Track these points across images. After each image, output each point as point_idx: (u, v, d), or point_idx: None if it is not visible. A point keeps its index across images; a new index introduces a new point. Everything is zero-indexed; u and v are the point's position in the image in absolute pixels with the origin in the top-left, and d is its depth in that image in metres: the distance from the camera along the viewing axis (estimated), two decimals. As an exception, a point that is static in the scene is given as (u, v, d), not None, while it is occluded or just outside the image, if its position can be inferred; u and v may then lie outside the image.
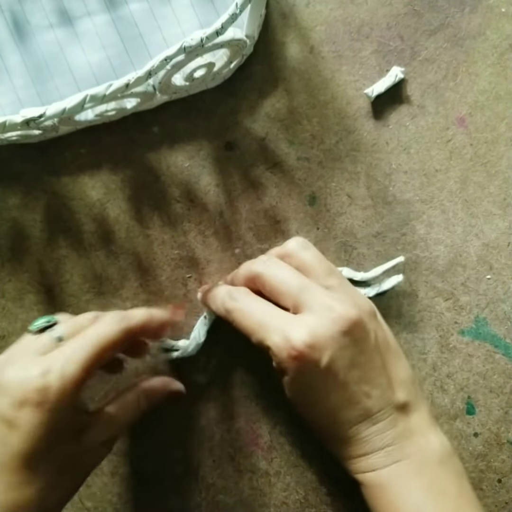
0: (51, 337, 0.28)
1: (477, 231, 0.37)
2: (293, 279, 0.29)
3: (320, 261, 0.30)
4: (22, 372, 0.26)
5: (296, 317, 0.28)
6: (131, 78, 0.29)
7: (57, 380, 0.25)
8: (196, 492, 0.36)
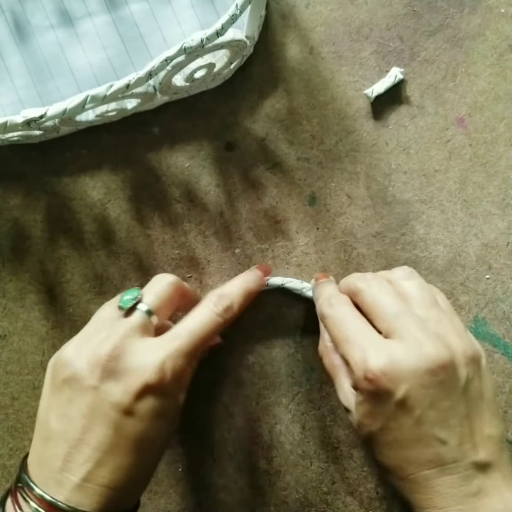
0: (142, 312, 0.29)
1: (476, 231, 0.37)
2: (392, 303, 0.29)
3: (423, 292, 0.30)
4: (140, 361, 0.27)
5: (383, 341, 0.27)
6: (131, 78, 0.29)
7: (171, 371, 0.27)
8: (196, 491, 0.36)
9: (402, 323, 0.27)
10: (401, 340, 0.27)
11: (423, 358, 0.26)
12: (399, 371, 0.26)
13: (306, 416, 0.36)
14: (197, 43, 0.29)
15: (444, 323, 0.28)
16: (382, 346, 0.27)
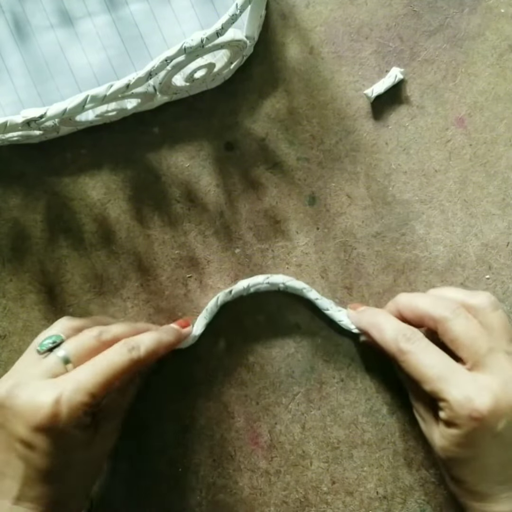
0: (57, 357, 0.29)
1: (476, 231, 0.37)
2: (483, 337, 0.29)
3: (506, 325, 0.30)
4: (33, 398, 0.27)
5: (478, 378, 0.28)
6: (131, 78, 0.29)
7: (66, 407, 0.27)
8: (196, 491, 0.36)
9: (494, 358, 0.29)
10: (495, 376, 0.28)
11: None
12: (501, 408, 0.27)
13: (306, 416, 0.36)
14: (197, 43, 0.29)
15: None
16: (480, 384, 0.28)
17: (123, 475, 0.36)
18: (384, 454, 0.36)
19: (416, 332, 0.30)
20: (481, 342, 0.29)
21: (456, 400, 0.28)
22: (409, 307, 0.32)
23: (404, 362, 0.30)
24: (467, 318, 0.30)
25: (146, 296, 0.37)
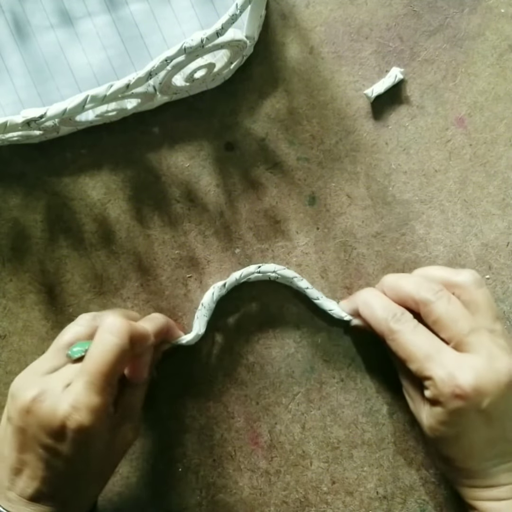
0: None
1: (476, 231, 0.37)
2: (465, 318, 0.29)
3: (490, 303, 0.31)
4: (55, 406, 0.27)
5: (462, 357, 0.29)
6: (131, 78, 0.29)
7: (87, 413, 0.27)
8: (196, 491, 0.36)
9: (476, 338, 0.29)
10: (478, 355, 0.28)
11: (502, 371, 0.28)
12: (484, 385, 0.28)
13: (306, 416, 0.36)
14: (197, 43, 0.29)
15: (506, 335, 0.30)
16: (464, 363, 0.28)
17: (123, 475, 0.36)
18: (384, 454, 0.36)
19: (405, 313, 0.31)
20: (463, 322, 0.29)
21: (439, 378, 0.28)
22: (393, 289, 0.32)
23: (393, 341, 0.30)
24: (449, 300, 0.30)
25: (146, 296, 0.37)
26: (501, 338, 0.30)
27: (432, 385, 0.29)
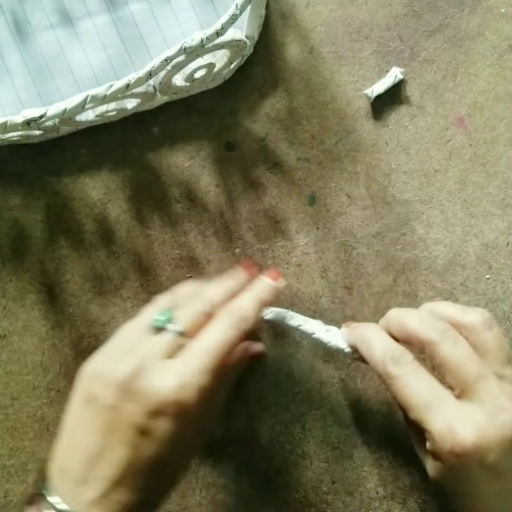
0: (175, 333, 0.28)
1: (476, 231, 0.37)
2: (472, 363, 0.27)
3: (501, 346, 0.28)
4: (158, 382, 0.26)
5: (465, 408, 0.26)
6: (131, 78, 0.29)
7: (194, 394, 0.25)
8: (196, 491, 0.36)
9: (483, 385, 0.26)
10: (482, 405, 0.26)
11: (508, 427, 0.25)
12: (487, 441, 0.25)
13: (306, 416, 0.36)
14: (197, 43, 0.29)
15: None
16: (466, 415, 0.26)
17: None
18: (384, 454, 0.36)
19: (405, 354, 0.28)
20: (469, 368, 0.27)
21: (438, 432, 0.26)
22: (397, 326, 0.30)
23: (390, 386, 0.28)
24: (456, 342, 0.27)
25: (146, 296, 0.37)
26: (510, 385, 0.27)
27: (431, 439, 0.26)
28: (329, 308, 0.37)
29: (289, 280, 0.37)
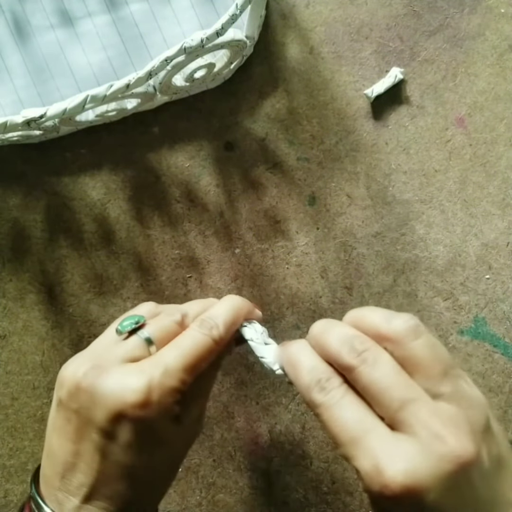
0: (141, 339, 0.27)
1: (476, 231, 0.37)
2: (395, 384, 0.22)
3: (434, 356, 0.23)
4: (121, 384, 0.24)
5: (394, 441, 0.22)
6: (131, 78, 0.29)
7: (157, 396, 0.24)
8: (196, 491, 0.36)
9: (410, 412, 0.22)
10: (413, 436, 0.22)
11: (446, 459, 0.21)
12: (421, 480, 0.21)
13: (306, 416, 0.36)
14: (197, 43, 0.29)
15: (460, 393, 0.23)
16: (395, 450, 0.21)
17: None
18: (384, 454, 0.36)
19: (332, 377, 0.24)
20: (392, 393, 0.22)
21: (365, 472, 0.22)
22: (317, 346, 0.26)
23: (317, 416, 0.24)
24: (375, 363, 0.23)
25: (146, 296, 0.37)
26: (450, 403, 0.22)
27: (361, 479, 0.22)
28: (329, 308, 0.37)
29: (289, 280, 0.37)
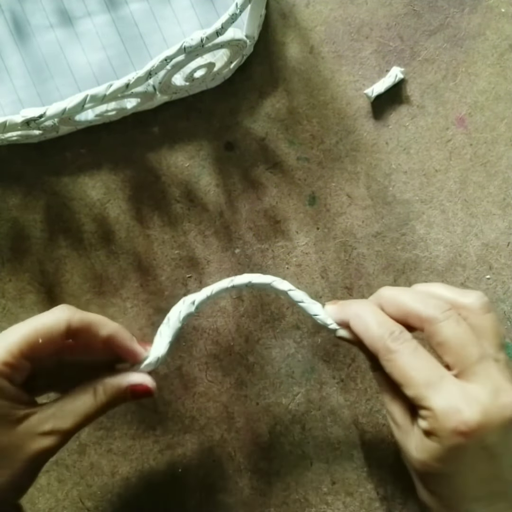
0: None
1: (476, 231, 0.37)
2: (473, 344, 0.27)
3: (498, 330, 0.28)
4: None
5: (468, 388, 0.26)
6: (131, 78, 0.29)
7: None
8: (196, 492, 0.36)
9: (484, 367, 0.26)
10: (484, 386, 0.26)
11: (509, 407, 0.26)
12: (491, 421, 0.25)
13: (306, 416, 0.36)
14: (197, 42, 0.28)
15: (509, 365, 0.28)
16: (469, 395, 0.26)
17: (123, 475, 0.36)
18: (384, 455, 0.36)
19: (404, 331, 0.28)
20: (471, 348, 0.27)
21: (441, 410, 0.25)
22: (393, 303, 0.29)
23: (389, 362, 0.27)
24: (458, 321, 0.27)
25: (146, 296, 0.37)
26: (505, 368, 0.27)
27: (431, 417, 0.26)
28: (329, 308, 0.37)
29: (289, 280, 0.37)
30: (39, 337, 0.26)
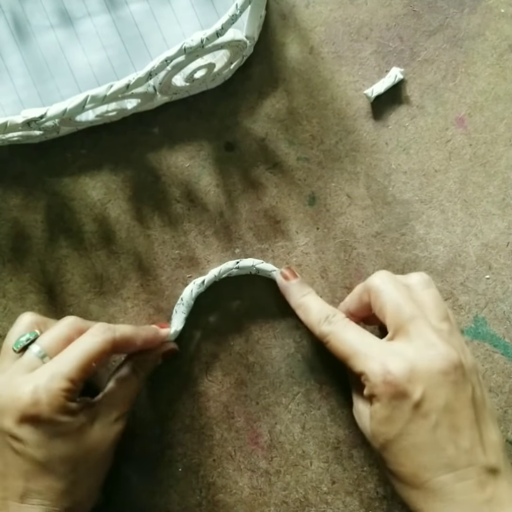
0: (33, 353, 0.30)
1: (476, 231, 0.37)
2: (407, 305, 0.29)
3: (438, 303, 0.30)
4: (14, 392, 0.28)
5: (394, 348, 0.28)
6: (131, 78, 0.29)
7: (45, 394, 0.27)
8: (196, 491, 0.36)
9: (415, 326, 0.28)
10: (412, 343, 0.28)
11: (437, 358, 0.27)
12: (416, 372, 0.27)
13: (306, 416, 0.36)
14: (197, 43, 0.29)
15: (455, 335, 0.29)
16: (396, 353, 0.28)
17: (123, 475, 0.36)
18: (384, 454, 0.36)
19: (337, 314, 0.31)
20: (405, 308, 0.29)
21: (371, 369, 0.28)
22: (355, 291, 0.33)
23: (327, 344, 0.31)
24: (396, 287, 0.30)
25: (146, 296, 0.37)
26: (446, 336, 0.29)
27: (366, 380, 0.28)
28: (329, 308, 0.37)
29: (289, 280, 0.37)
30: (92, 362, 0.29)
